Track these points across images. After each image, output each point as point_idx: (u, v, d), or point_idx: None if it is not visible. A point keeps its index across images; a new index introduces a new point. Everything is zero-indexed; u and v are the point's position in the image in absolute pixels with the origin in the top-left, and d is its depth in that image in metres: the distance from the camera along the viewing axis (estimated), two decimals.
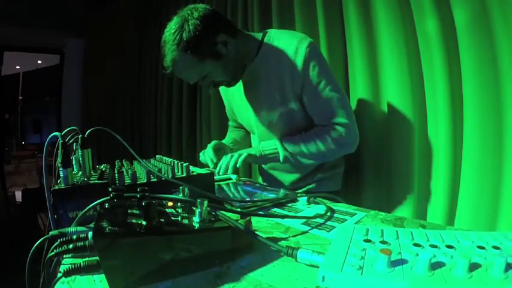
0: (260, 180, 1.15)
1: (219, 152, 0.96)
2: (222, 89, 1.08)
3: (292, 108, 0.87)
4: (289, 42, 0.82)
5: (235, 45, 0.82)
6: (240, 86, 0.93)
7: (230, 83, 0.89)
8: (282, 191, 0.77)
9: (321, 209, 0.59)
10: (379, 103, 1.09)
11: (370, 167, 1.12)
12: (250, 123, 0.99)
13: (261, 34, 0.89)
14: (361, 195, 1.13)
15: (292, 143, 0.86)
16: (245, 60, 0.87)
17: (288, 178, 1.01)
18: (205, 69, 0.81)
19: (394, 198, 1.05)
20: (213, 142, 0.98)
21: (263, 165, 1.07)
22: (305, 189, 0.99)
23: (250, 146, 1.11)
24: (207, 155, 0.94)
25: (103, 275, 0.32)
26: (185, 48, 0.76)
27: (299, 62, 0.80)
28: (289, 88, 0.84)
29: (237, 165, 0.82)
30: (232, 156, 0.84)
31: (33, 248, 0.38)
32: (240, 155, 0.84)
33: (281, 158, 0.86)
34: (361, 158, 1.13)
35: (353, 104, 1.16)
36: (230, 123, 1.22)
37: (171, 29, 0.77)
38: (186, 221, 0.37)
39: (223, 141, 1.11)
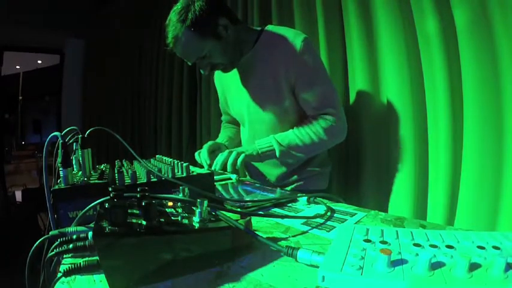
0: (248, 177, 1.16)
1: (214, 153, 0.98)
2: (217, 80, 1.12)
3: (285, 99, 0.90)
4: (285, 36, 0.87)
5: (235, 31, 0.87)
6: (235, 75, 0.97)
7: (227, 68, 0.92)
8: (279, 191, 0.77)
9: (321, 209, 0.59)
10: (379, 103, 1.09)
11: (370, 167, 1.12)
12: (242, 114, 1.02)
13: (259, 28, 0.94)
14: (361, 195, 1.13)
15: (286, 137, 0.89)
16: (243, 48, 0.92)
17: (275, 172, 1.03)
18: (205, 48, 0.85)
19: (394, 198, 1.05)
20: (209, 143, 1.00)
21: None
22: (289, 188, 1.01)
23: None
24: (202, 156, 0.96)
25: (103, 275, 0.32)
26: (189, 26, 0.81)
27: (293, 54, 0.85)
28: (283, 79, 0.88)
29: (237, 167, 0.84)
30: (230, 153, 0.85)
31: (33, 248, 0.38)
32: (238, 154, 0.84)
33: (277, 154, 0.88)
34: (361, 158, 1.13)
35: (353, 105, 1.16)
36: (223, 117, 1.25)
37: (177, 9, 0.83)
38: (186, 221, 0.37)
39: (218, 139, 1.14)
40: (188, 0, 0.82)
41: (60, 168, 0.50)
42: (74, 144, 0.59)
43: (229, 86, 1.05)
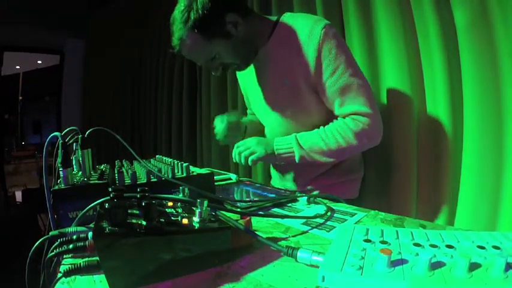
0: (260, 179, 1.14)
1: (233, 129, 0.94)
2: (239, 75, 1.04)
3: (305, 99, 0.80)
4: (303, 24, 0.76)
5: (246, 26, 0.78)
6: (252, 72, 0.89)
7: (240, 67, 0.84)
8: (281, 192, 0.77)
9: (321, 209, 0.59)
10: (379, 103, 1.09)
11: (370, 167, 1.12)
12: (260, 112, 0.94)
13: (275, 17, 0.84)
14: (361, 195, 1.13)
15: (309, 139, 0.78)
16: (257, 43, 0.82)
17: (299, 179, 0.94)
18: (213, 50, 0.77)
19: (394, 198, 1.05)
20: (233, 117, 0.95)
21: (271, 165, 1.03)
22: (315, 193, 0.92)
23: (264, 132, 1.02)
24: (218, 126, 0.92)
25: (103, 275, 0.32)
26: (192, 27, 0.73)
27: (313, 45, 0.73)
28: (301, 75, 0.77)
29: (249, 164, 0.81)
30: (246, 149, 0.82)
31: (33, 248, 0.38)
32: (252, 153, 0.81)
33: (297, 158, 0.78)
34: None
35: None
36: (248, 111, 1.16)
37: (180, 7, 0.75)
38: (186, 221, 0.37)
39: (247, 118, 1.07)
40: None
41: (60, 169, 0.50)
42: (74, 144, 0.59)
43: (248, 82, 0.96)
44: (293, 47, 0.77)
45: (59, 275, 0.33)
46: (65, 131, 0.58)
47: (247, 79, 0.96)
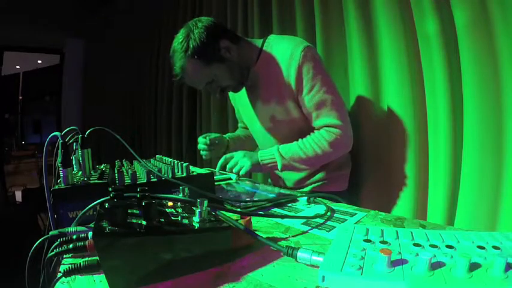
0: (260, 179, 1.16)
1: (215, 145, 1.03)
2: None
3: (291, 113, 0.91)
4: (285, 48, 0.86)
5: (237, 50, 0.88)
6: (244, 91, 0.98)
7: (236, 88, 0.94)
8: (281, 191, 0.77)
9: (321, 209, 0.59)
10: (379, 104, 1.09)
11: (370, 167, 1.12)
12: (252, 124, 1.03)
13: (261, 40, 0.93)
14: (361, 195, 1.13)
15: (289, 149, 0.89)
16: (249, 65, 0.92)
17: (293, 177, 1.03)
18: (211, 73, 0.86)
19: (394, 198, 1.05)
20: (215, 135, 1.05)
21: None
22: (309, 188, 1.01)
23: (253, 146, 1.15)
24: (200, 140, 1.02)
25: (103, 275, 0.32)
26: (192, 55, 0.82)
27: (294, 67, 0.84)
28: (287, 93, 0.87)
29: (240, 174, 0.88)
30: (236, 164, 0.89)
31: (33, 248, 0.38)
32: (241, 168, 0.88)
33: (279, 166, 0.88)
34: (361, 158, 1.13)
35: (353, 105, 1.16)
36: (239, 124, 1.27)
37: (178, 39, 0.84)
38: (186, 221, 0.37)
39: (228, 133, 1.18)
40: (187, 30, 0.84)
41: (60, 168, 0.50)
42: (74, 144, 0.59)
43: (240, 100, 1.06)
44: (277, 69, 0.87)
45: (59, 274, 0.33)
46: (65, 130, 0.58)
47: (238, 95, 1.05)
